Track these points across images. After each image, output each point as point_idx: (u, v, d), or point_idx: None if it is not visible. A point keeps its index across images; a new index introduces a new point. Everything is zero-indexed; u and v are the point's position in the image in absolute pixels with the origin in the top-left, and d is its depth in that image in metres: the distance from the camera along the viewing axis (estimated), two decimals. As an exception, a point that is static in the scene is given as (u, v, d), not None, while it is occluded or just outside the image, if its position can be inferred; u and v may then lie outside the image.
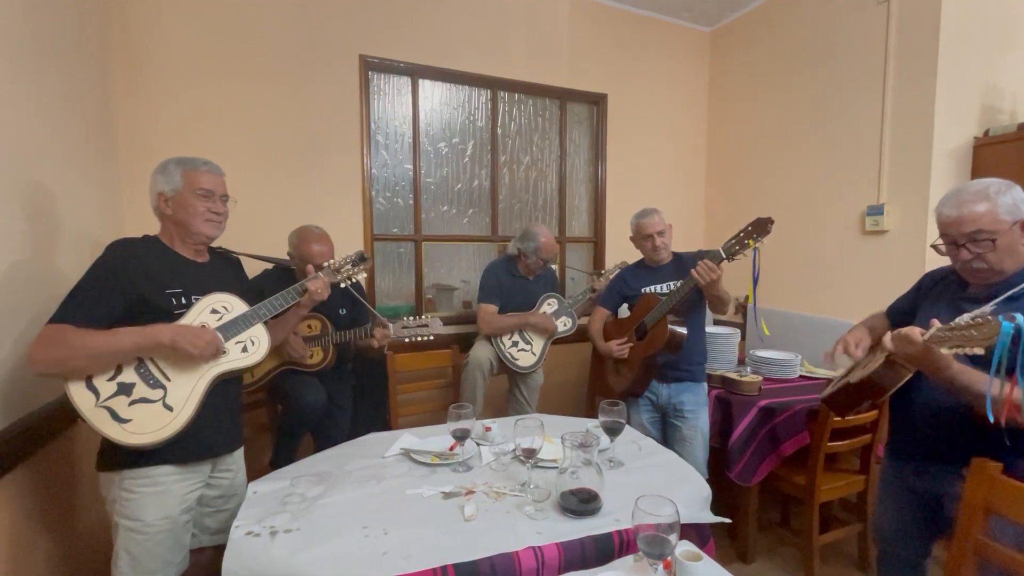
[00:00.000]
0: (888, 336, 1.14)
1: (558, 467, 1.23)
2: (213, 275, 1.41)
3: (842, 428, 1.94)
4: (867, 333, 1.44)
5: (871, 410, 1.97)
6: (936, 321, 1.06)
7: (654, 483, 1.32)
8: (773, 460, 2.09)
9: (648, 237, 2.10)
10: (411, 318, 2.06)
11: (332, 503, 1.22)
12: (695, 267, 1.83)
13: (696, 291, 1.92)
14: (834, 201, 2.80)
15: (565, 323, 2.62)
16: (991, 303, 1.09)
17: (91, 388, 1.18)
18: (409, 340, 2.06)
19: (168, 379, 1.25)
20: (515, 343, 2.52)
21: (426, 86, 2.88)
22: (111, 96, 2.14)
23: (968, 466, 1.14)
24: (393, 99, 2.82)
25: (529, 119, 3.19)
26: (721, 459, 2.13)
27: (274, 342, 1.51)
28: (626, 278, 2.25)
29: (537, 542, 1.06)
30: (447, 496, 1.26)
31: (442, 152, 2.97)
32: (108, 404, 1.18)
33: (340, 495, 1.26)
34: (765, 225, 1.74)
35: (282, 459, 1.99)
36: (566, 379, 3.25)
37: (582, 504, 1.16)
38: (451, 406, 1.42)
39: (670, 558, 0.92)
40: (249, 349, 1.37)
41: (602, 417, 1.43)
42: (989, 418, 0.98)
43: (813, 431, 1.98)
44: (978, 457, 1.10)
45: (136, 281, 1.24)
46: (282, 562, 1.01)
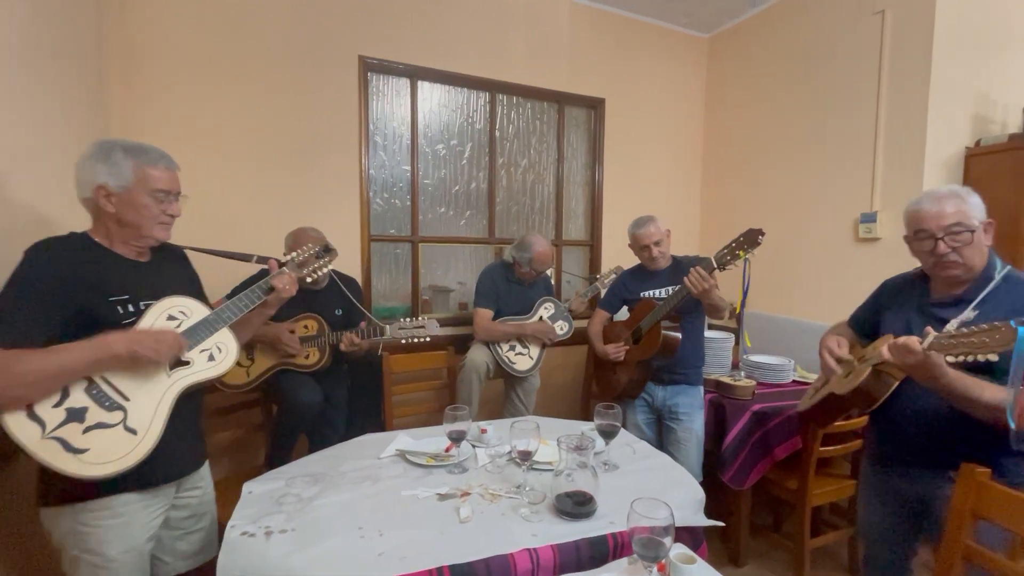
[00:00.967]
0: (885, 347, 1.16)
1: (553, 469, 1.24)
2: (160, 275, 1.25)
3: (834, 433, 1.95)
4: (843, 339, 1.46)
5: (861, 416, 2.00)
6: (931, 330, 1.08)
7: (649, 486, 1.32)
8: (766, 464, 2.11)
9: (645, 248, 2.12)
10: (407, 319, 2.07)
11: (327, 504, 1.22)
12: (688, 275, 1.85)
13: (687, 294, 1.94)
14: (828, 208, 2.83)
15: (562, 327, 2.63)
16: (970, 307, 1.14)
17: (34, 418, 1.01)
18: (405, 341, 2.06)
19: (127, 399, 1.10)
20: (512, 347, 2.52)
21: (425, 88, 2.89)
22: (107, 95, 2.13)
23: (956, 469, 1.16)
24: (392, 100, 2.82)
25: (527, 122, 3.20)
26: (714, 462, 2.15)
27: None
28: (626, 281, 2.29)
29: (532, 544, 1.06)
30: (443, 498, 1.26)
31: (440, 154, 2.97)
32: (58, 434, 1.02)
33: (335, 496, 1.26)
34: (755, 237, 1.78)
35: (277, 459, 1.98)
36: (562, 381, 3.26)
37: (577, 506, 1.17)
38: (447, 408, 1.43)
39: (664, 561, 0.92)
40: (216, 357, 1.22)
41: (597, 420, 1.44)
42: (1011, 425, 1.01)
43: (805, 436, 2.00)
44: (967, 463, 1.12)
45: (73, 290, 1.07)
46: (277, 562, 1.01)
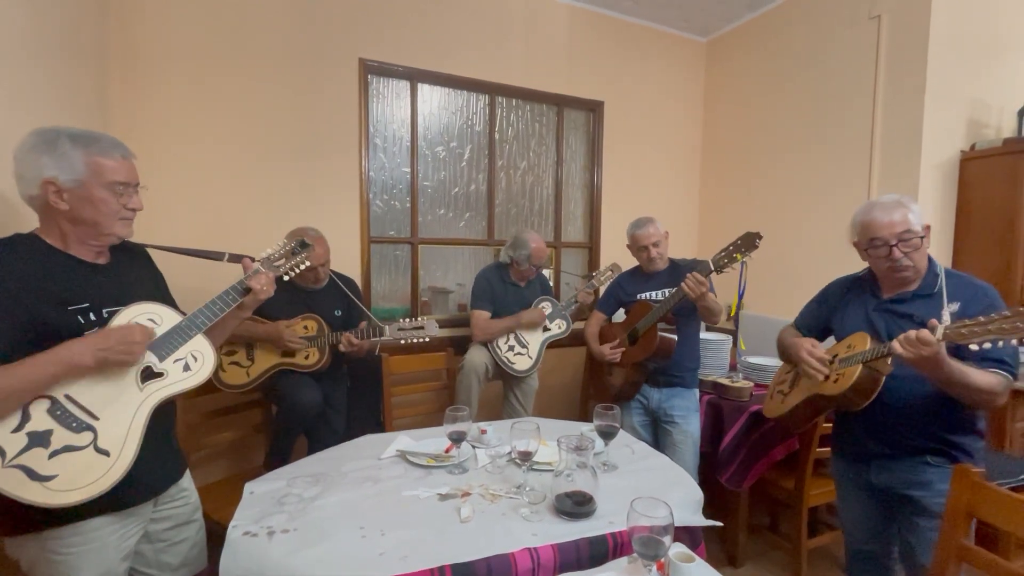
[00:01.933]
0: (896, 342, 1.19)
1: (553, 470, 1.25)
2: (122, 278, 1.15)
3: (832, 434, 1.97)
4: (816, 341, 1.51)
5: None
6: (935, 321, 1.14)
7: (648, 486, 1.33)
8: (763, 465, 2.12)
9: (644, 248, 2.13)
10: (407, 320, 2.07)
11: (329, 504, 1.23)
12: (684, 279, 1.86)
13: (683, 297, 1.95)
14: (824, 210, 2.85)
15: (560, 325, 2.65)
16: (945, 300, 1.28)
17: None
18: (404, 342, 2.07)
19: (95, 417, 1.01)
20: (511, 347, 2.53)
21: (425, 90, 2.90)
22: (108, 95, 2.14)
23: (933, 454, 1.32)
24: (392, 102, 2.83)
25: (526, 124, 3.21)
26: (712, 463, 2.16)
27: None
28: (623, 283, 2.30)
29: (533, 543, 1.07)
30: (443, 498, 1.27)
31: (440, 156, 2.98)
32: (20, 462, 0.93)
33: (337, 496, 1.27)
34: (753, 240, 1.78)
35: (276, 459, 1.99)
36: (560, 383, 3.27)
37: (577, 506, 1.17)
38: (448, 409, 1.44)
39: (664, 560, 0.93)
40: (192, 367, 1.13)
41: (597, 421, 1.45)
42: None
43: (802, 437, 2.02)
44: (960, 465, 1.14)
45: (23, 300, 0.97)
46: (279, 562, 1.02)
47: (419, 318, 2.09)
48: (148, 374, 1.10)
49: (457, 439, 1.43)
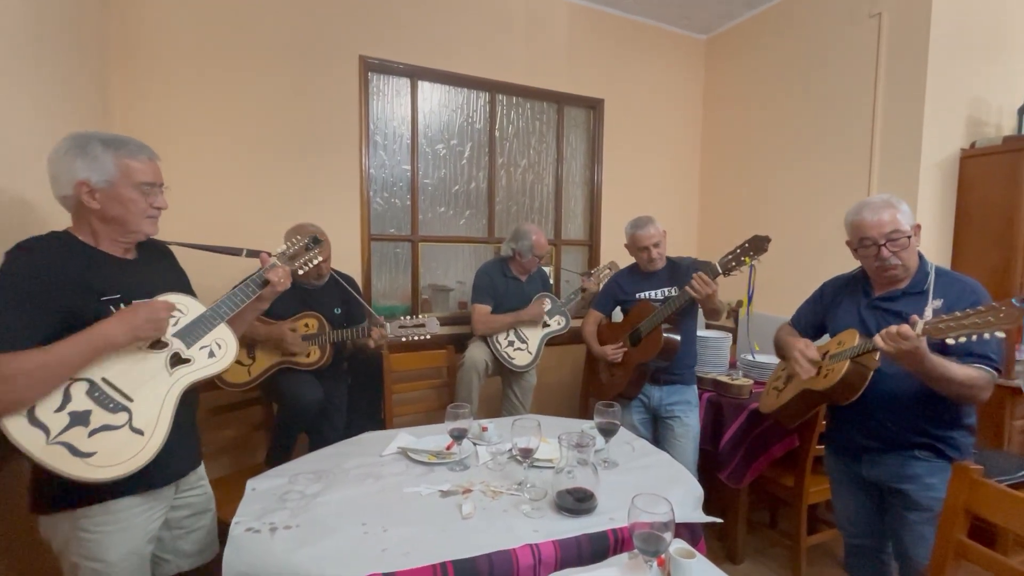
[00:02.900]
0: (878, 337, 1.23)
1: (554, 467, 1.26)
2: (150, 272, 1.23)
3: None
4: (809, 341, 1.54)
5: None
6: (916, 317, 1.18)
7: (648, 483, 1.34)
8: (763, 462, 2.13)
9: (644, 249, 2.12)
10: (407, 317, 2.08)
11: (331, 500, 1.23)
12: (691, 281, 1.86)
13: (690, 299, 1.95)
14: (823, 208, 2.85)
15: (559, 322, 2.66)
16: (930, 297, 1.32)
17: (37, 424, 0.99)
18: (405, 340, 2.07)
19: (130, 399, 1.09)
20: (511, 343, 2.54)
21: (425, 88, 2.90)
22: (109, 91, 2.13)
23: (922, 448, 1.35)
24: (392, 100, 2.83)
25: (527, 122, 3.21)
26: (712, 461, 2.17)
27: None
28: (620, 282, 2.27)
29: (534, 540, 1.08)
30: (445, 494, 1.27)
31: (440, 154, 2.98)
32: (63, 439, 1.00)
33: (339, 492, 1.27)
34: (762, 243, 1.77)
35: (277, 457, 1.99)
36: (560, 380, 3.28)
37: (578, 503, 1.18)
38: (449, 406, 1.44)
39: (664, 555, 0.94)
40: (216, 353, 1.22)
41: (597, 418, 1.46)
42: None
43: (802, 434, 2.03)
44: (959, 465, 1.14)
45: (61, 292, 1.04)
46: (282, 558, 1.02)
47: (420, 316, 2.10)
48: (177, 360, 1.18)
49: (458, 436, 1.44)
